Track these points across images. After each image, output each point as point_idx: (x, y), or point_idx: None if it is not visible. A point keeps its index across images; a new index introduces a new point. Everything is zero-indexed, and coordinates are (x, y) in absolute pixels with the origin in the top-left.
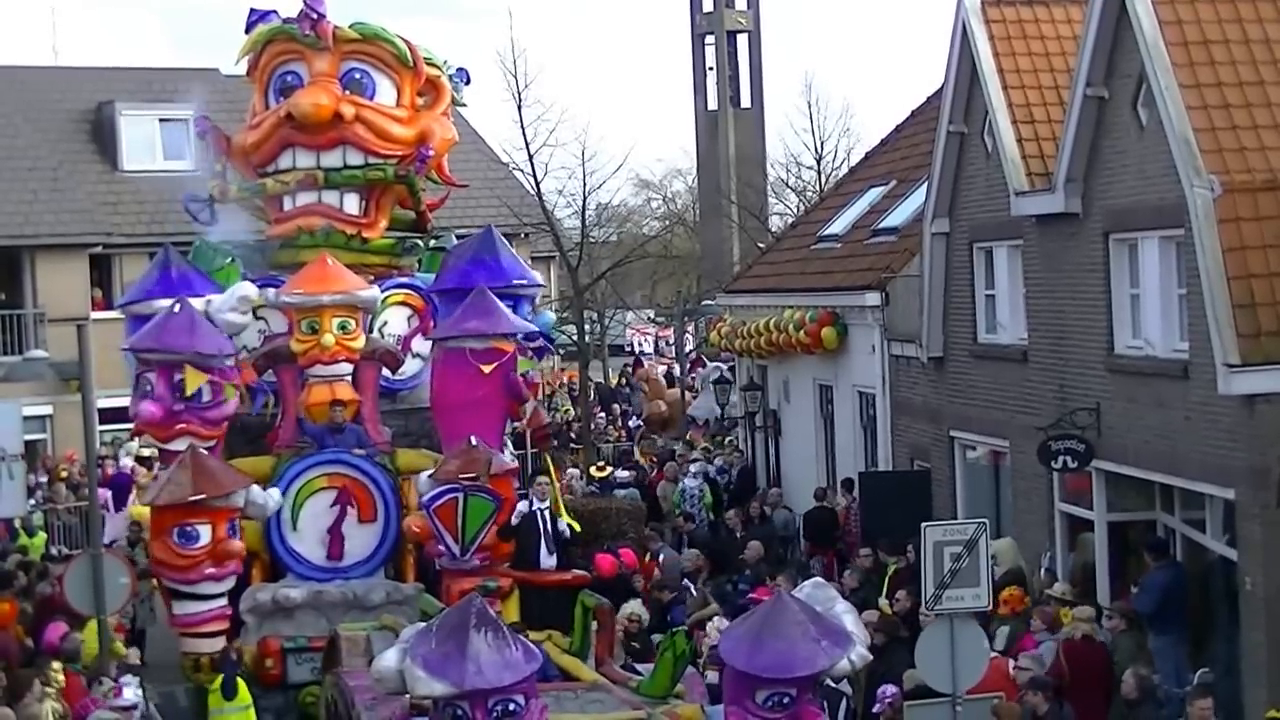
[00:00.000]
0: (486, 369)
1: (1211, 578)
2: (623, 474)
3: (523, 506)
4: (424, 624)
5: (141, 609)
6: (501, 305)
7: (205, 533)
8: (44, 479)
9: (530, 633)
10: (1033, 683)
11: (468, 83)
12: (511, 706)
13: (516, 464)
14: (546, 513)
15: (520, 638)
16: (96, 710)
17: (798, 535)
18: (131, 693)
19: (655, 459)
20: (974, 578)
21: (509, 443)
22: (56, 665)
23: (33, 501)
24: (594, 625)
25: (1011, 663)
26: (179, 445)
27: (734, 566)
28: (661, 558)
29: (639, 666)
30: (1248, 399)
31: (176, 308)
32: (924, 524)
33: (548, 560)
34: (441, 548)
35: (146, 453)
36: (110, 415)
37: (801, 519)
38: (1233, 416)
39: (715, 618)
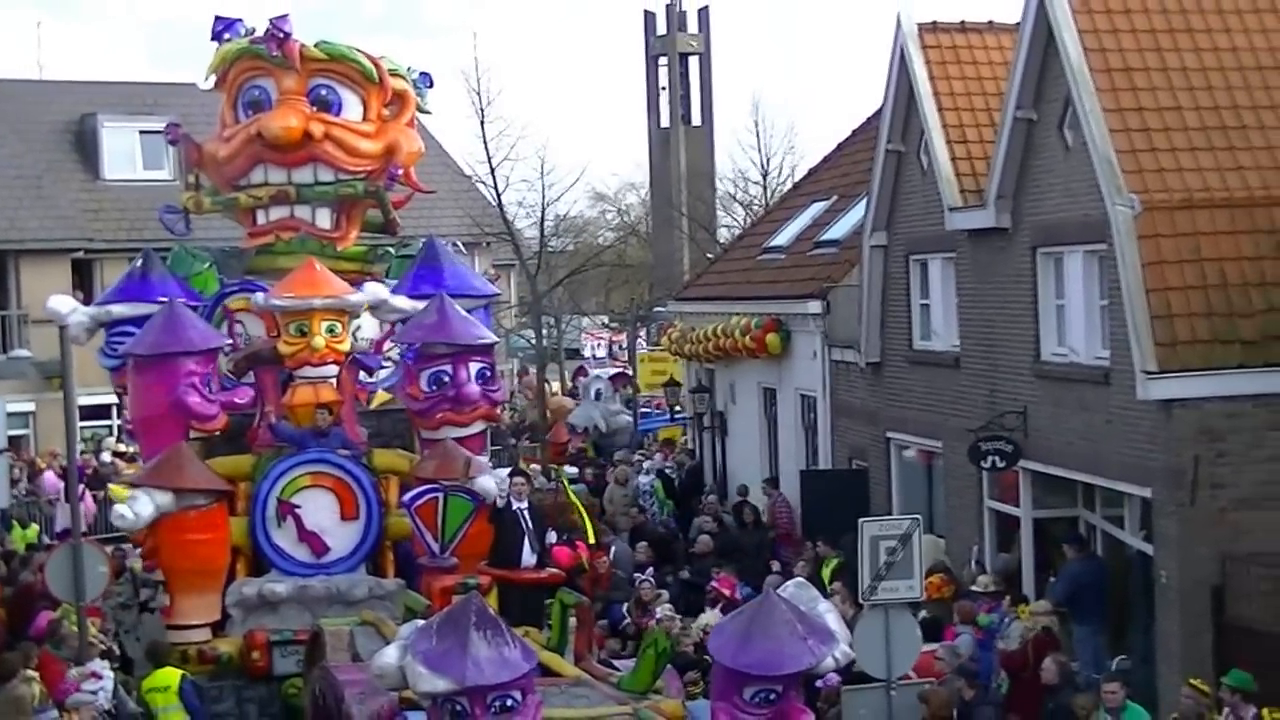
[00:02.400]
0: None
1: (1129, 571)
2: (570, 470)
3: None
4: (424, 621)
5: (127, 639)
6: (448, 314)
7: None
8: (24, 473)
9: None
10: (960, 670)
11: (430, 86)
12: (509, 702)
13: (491, 466)
14: (527, 512)
15: (518, 636)
16: (75, 694)
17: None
18: (105, 668)
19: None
20: (908, 570)
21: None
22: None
23: (16, 493)
24: (573, 622)
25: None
26: None
27: (678, 559)
28: (613, 550)
29: (616, 663)
30: (1165, 404)
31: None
32: (861, 520)
33: (529, 559)
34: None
35: (123, 448)
36: (90, 412)
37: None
38: (1151, 420)
39: (663, 605)
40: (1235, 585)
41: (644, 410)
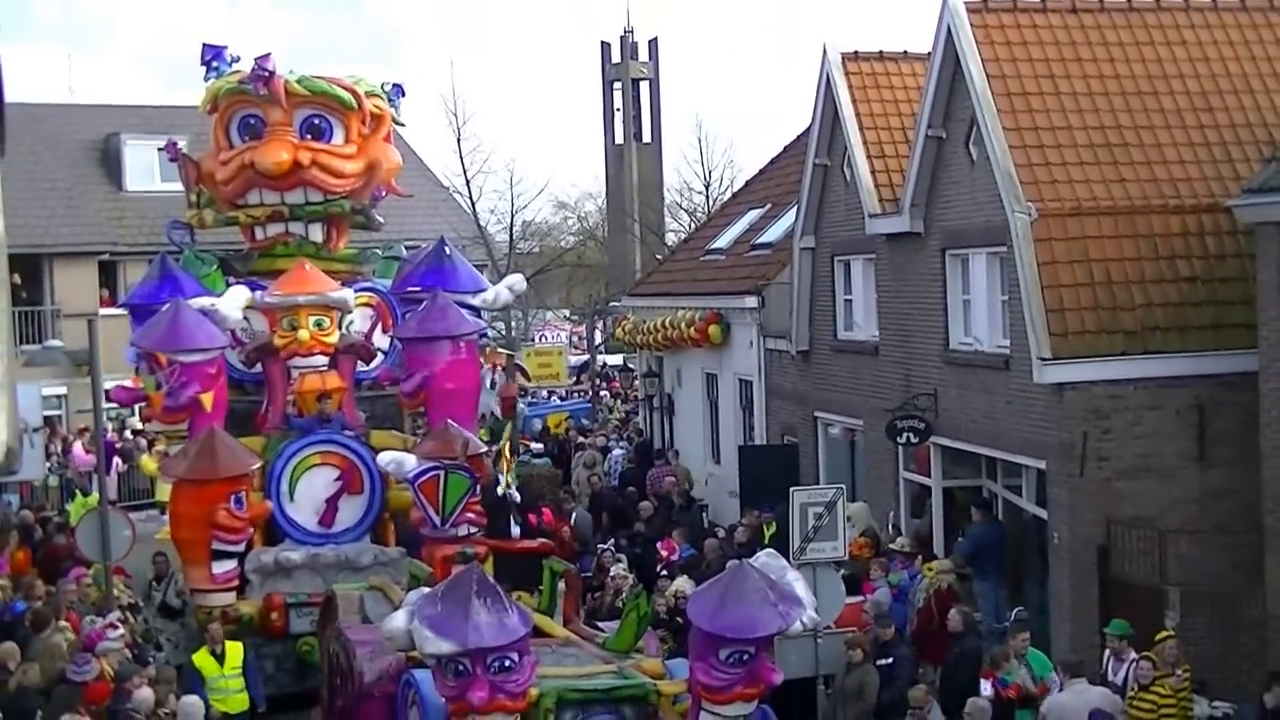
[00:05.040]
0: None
1: (1026, 533)
2: (536, 445)
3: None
4: (430, 589)
5: (168, 650)
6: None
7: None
8: (59, 448)
9: None
10: (880, 618)
11: (403, 95)
12: (507, 663)
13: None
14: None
15: (516, 603)
16: (102, 642)
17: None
18: (116, 617)
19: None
20: (833, 533)
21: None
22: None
23: (49, 465)
24: (561, 587)
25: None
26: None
27: (631, 522)
28: (574, 516)
29: (601, 625)
30: (1057, 387)
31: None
32: (792, 488)
33: (515, 530)
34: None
35: (141, 426)
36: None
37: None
38: (1045, 401)
39: (617, 566)
40: (1117, 546)
41: (531, 401)
